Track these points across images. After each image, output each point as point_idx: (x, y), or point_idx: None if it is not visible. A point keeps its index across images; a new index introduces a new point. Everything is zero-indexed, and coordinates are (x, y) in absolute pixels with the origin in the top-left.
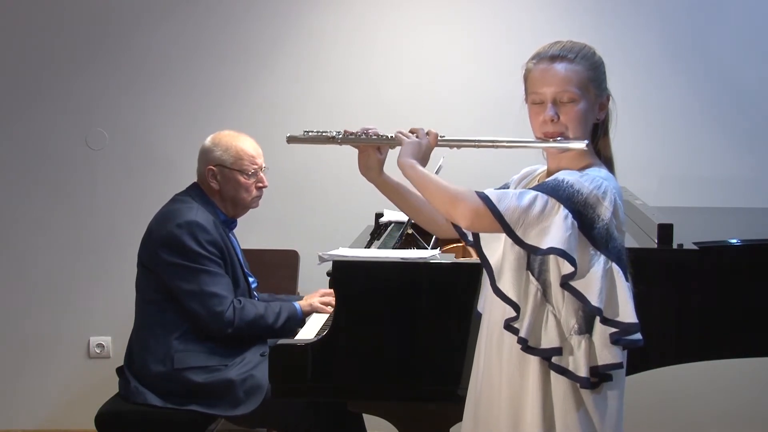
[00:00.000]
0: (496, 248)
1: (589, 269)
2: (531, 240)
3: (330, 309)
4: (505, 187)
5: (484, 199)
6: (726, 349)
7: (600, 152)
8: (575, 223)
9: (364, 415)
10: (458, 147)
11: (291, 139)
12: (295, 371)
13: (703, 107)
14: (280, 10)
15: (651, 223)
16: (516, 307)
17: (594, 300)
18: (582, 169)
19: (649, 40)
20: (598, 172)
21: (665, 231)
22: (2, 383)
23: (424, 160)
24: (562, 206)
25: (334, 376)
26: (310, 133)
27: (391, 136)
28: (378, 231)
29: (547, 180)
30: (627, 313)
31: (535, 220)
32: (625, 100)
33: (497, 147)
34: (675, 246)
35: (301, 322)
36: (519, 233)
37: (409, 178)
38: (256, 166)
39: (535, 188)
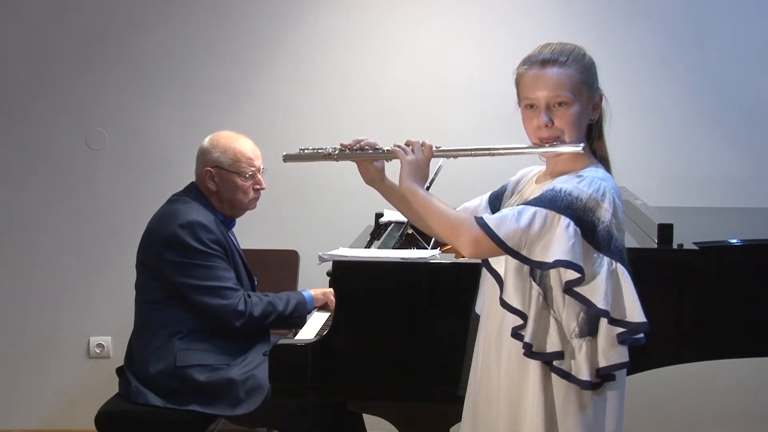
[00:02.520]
0: (502, 260)
1: (593, 273)
2: (536, 256)
3: None
4: (503, 189)
5: (483, 226)
6: (726, 349)
7: (596, 152)
8: (578, 230)
9: (364, 415)
10: (455, 157)
11: (287, 158)
12: (295, 371)
13: (702, 107)
14: (280, 10)
15: (651, 223)
16: (522, 315)
17: (600, 303)
18: (579, 170)
19: (649, 40)
20: (596, 173)
21: (665, 231)
22: (2, 383)
23: (424, 177)
24: (562, 216)
25: (334, 376)
26: (306, 151)
27: (387, 150)
28: (378, 231)
29: (543, 192)
30: (635, 312)
31: (537, 236)
32: (625, 100)
33: (493, 155)
34: (675, 246)
35: (310, 311)
36: (524, 253)
37: (412, 203)
38: (254, 168)
39: (532, 203)
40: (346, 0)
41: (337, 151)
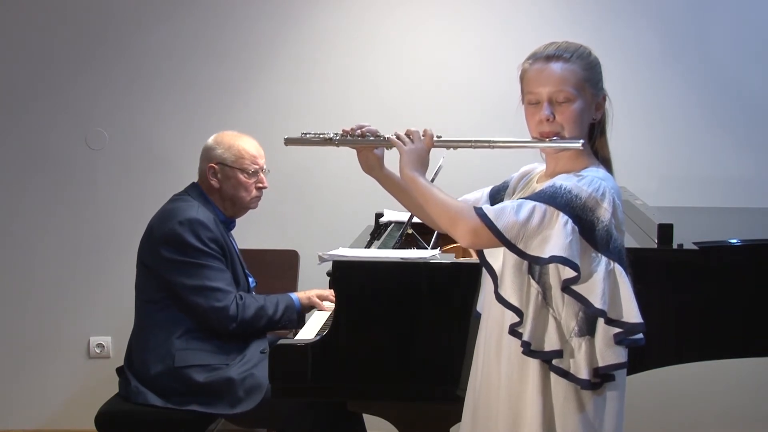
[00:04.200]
0: (498, 255)
1: (591, 272)
2: (533, 251)
3: (327, 306)
4: (505, 185)
5: (482, 216)
6: (726, 349)
7: (597, 152)
8: (576, 228)
9: (364, 415)
10: (455, 148)
11: (288, 141)
12: (295, 371)
13: (703, 107)
14: (280, 10)
15: (651, 223)
16: (519, 312)
17: (597, 302)
18: (580, 170)
19: (650, 40)
20: (596, 173)
21: (665, 231)
22: (2, 383)
23: (424, 165)
24: (561, 213)
25: (334, 376)
26: (307, 135)
27: (388, 137)
28: (378, 231)
29: (544, 187)
30: (631, 313)
31: (535, 230)
32: (625, 100)
33: (493, 147)
34: (675, 246)
35: (298, 313)
36: (521, 246)
37: (412, 192)
38: (257, 166)
39: (532, 197)
40: (346, 0)
41: (338, 137)
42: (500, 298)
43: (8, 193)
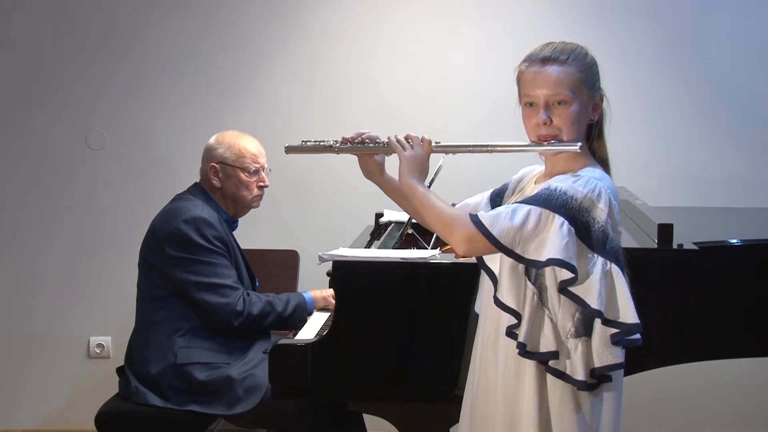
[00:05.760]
0: (496, 258)
1: (587, 273)
2: (530, 255)
3: None
4: (505, 187)
5: (477, 224)
6: (726, 349)
7: (595, 153)
8: (572, 229)
9: (364, 415)
10: (453, 153)
11: (289, 149)
12: (295, 371)
13: (703, 107)
14: (281, 10)
15: (651, 223)
16: (516, 314)
17: (594, 303)
18: (577, 170)
19: (649, 39)
20: (593, 173)
21: (665, 231)
22: (2, 383)
23: (423, 172)
24: (556, 215)
25: (334, 376)
26: (307, 143)
27: (387, 142)
28: (378, 231)
29: (539, 191)
30: (628, 313)
31: (531, 234)
32: (625, 100)
33: (492, 152)
34: (675, 246)
35: (311, 313)
36: (518, 251)
37: (410, 199)
38: (257, 165)
39: (527, 201)
40: (346, 0)
41: (338, 144)
42: (498, 302)
43: (9, 193)
